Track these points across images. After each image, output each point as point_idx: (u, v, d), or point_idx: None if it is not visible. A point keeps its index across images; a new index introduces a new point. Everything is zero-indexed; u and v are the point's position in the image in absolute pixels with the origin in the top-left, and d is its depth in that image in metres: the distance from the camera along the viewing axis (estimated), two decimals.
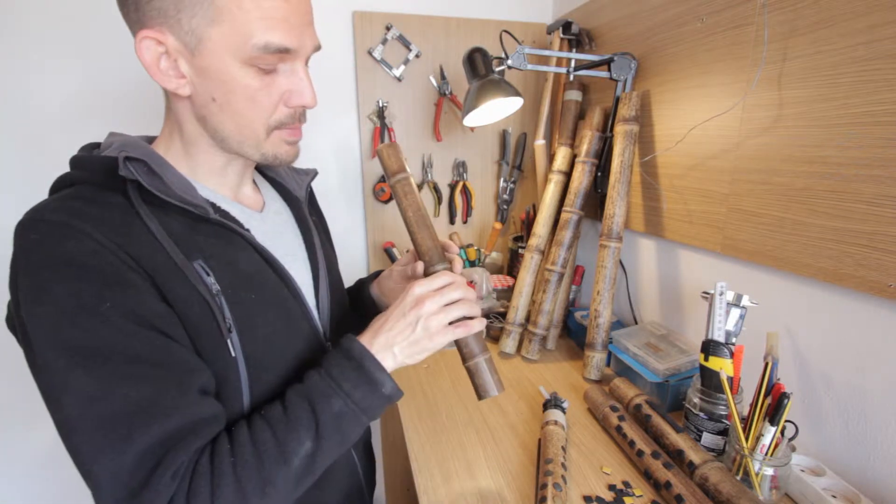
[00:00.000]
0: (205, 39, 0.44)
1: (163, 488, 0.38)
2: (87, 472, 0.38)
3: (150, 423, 0.39)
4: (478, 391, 0.55)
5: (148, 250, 0.44)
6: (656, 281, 0.96)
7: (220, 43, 0.44)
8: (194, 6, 0.43)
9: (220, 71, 0.46)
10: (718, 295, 0.66)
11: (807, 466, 0.62)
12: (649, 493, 0.60)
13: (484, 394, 0.54)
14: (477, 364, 0.54)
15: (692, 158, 0.82)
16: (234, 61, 0.45)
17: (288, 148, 0.53)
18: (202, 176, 0.53)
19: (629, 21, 0.96)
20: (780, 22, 0.65)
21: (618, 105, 0.93)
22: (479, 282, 1.14)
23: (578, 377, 0.90)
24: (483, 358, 0.55)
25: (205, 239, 0.49)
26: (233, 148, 0.51)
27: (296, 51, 0.47)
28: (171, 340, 0.43)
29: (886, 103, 0.53)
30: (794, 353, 0.68)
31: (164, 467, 0.39)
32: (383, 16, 1.12)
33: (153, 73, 0.46)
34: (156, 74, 0.46)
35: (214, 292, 0.46)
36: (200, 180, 0.53)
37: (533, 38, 1.24)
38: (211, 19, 0.43)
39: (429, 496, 0.61)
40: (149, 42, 0.45)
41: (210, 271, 0.47)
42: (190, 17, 0.43)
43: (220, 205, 0.53)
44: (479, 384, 0.55)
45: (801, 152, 0.63)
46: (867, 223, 0.56)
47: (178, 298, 0.44)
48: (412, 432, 0.73)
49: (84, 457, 0.38)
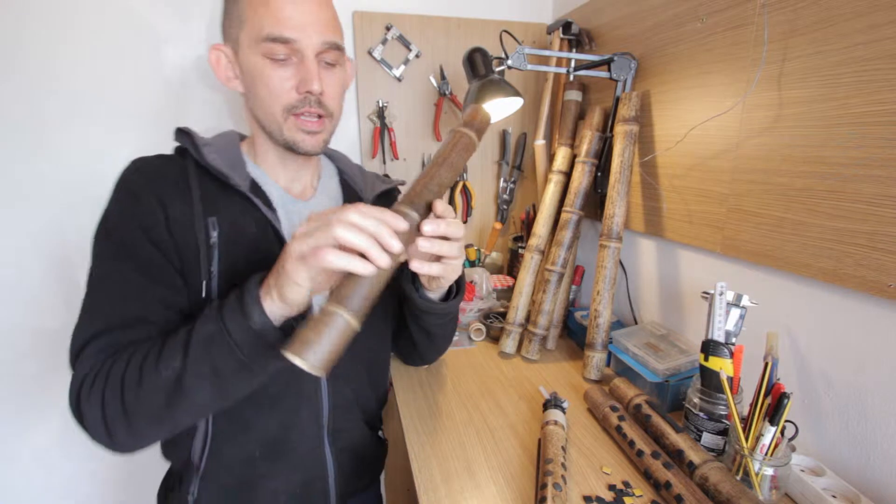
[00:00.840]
0: (239, 42, 0.58)
1: (85, 360, 0.51)
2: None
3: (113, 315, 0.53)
4: (293, 343, 0.40)
5: (178, 200, 0.56)
6: (656, 281, 0.96)
7: (245, 42, 0.57)
8: (233, 19, 0.58)
9: (248, 64, 0.58)
10: (718, 295, 0.66)
11: (807, 466, 0.62)
12: (649, 493, 0.60)
13: (293, 351, 0.40)
14: (326, 315, 0.41)
15: (692, 158, 0.82)
16: (255, 55, 0.56)
17: (305, 136, 0.60)
18: (267, 166, 0.66)
19: (629, 21, 0.96)
20: (780, 22, 0.65)
21: (618, 105, 0.93)
22: (479, 282, 1.14)
23: (578, 377, 0.90)
24: (341, 314, 0.41)
25: (226, 203, 0.59)
26: (268, 132, 0.61)
27: (297, 41, 0.55)
28: (166, 260, 0.55)
29: (886, 103, 0.53)
30: (794, 353, 0.68)
31: (96, 348, 0.52)
32: (383, 16, 1.12)
33: (218, 76, 0.62)
34: (221, 77, 0.62)
35: (211, 243, 0.56)
36: (263, 167, 0.66)
37: (533, 38, 1.24)
38: (240, 25, 0.57)
39: (429, 496, 0.60)
40: (216, 52, 0.61)
41: (217, 227, 0.57)
42: (230, 27, 0.59)
43: (263, 185, 0.64)
44: (302, 338, 0.40)
45: (801, 152, 0.63)
46: (867, 223, 0.56)
47: (181, 237, 0.56)
48: (412, 432, 0.73)
49: (77, 321, 0.55)
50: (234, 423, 0.61)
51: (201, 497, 0.63)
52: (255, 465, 0.63)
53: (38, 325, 1.09)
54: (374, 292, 0.44)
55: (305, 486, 0.67)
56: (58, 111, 1.01)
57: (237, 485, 0.63)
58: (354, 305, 0.42)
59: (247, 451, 0.62)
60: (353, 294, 0.43)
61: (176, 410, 0.49)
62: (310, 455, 0.66)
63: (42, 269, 1.07)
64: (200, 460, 0.62)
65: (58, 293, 1.09)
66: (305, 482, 0.66)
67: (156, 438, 0.53)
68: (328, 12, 0.58)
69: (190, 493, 0.62)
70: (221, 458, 0.62)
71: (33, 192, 1.03)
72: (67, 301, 1.10)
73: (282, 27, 0.54)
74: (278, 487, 0.65)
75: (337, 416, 0.67)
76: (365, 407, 0.73)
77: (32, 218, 1.04)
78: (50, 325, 1.09)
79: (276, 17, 0.54)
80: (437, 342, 0.76)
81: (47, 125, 1.01)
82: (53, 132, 1.01)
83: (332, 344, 0.41)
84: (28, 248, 1.05)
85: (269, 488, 0.64)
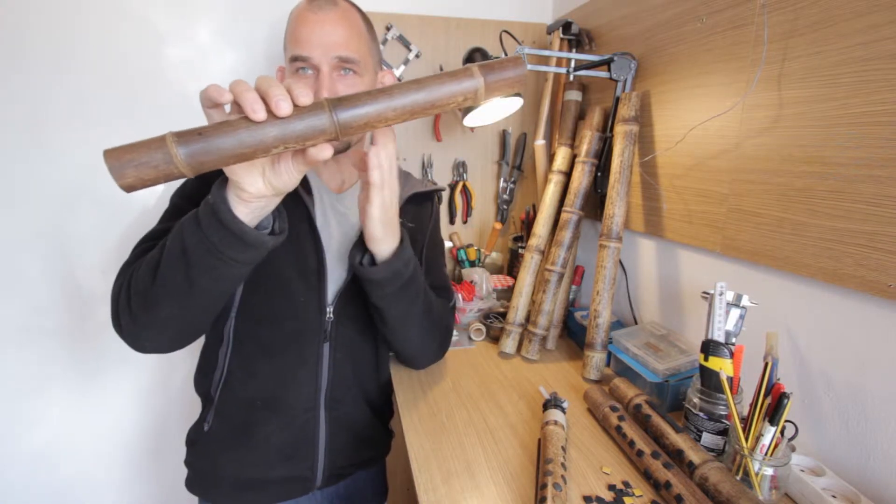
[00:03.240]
0: (285, 61, 0.71)
1: (125, 267, 0.64)
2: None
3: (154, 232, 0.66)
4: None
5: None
6: (656, 281, 0.96)
7: (286, 62, 0.70)
8: (284, 45, 0.71)
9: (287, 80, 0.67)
10: (718, 295, 0.66)
11: (806, 466, 0.62)
12: (649, 493, 0.60)
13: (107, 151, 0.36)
14: (159, 137, 0.37)
15: (692, 158, 0.82)
16: (290, 71, 0.69)
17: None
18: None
19: (629, 21, 0.96)
20: (780, 22, 0.65)
21: (618, 105, 0.93)
22: (478, 282, 1.14)
23: (578, 377, 0.90)
24: (170, 140, 0.37)
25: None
26: None
27: (312, 58, 0.66)
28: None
29: (886, 103, 0.53)
30: (794, 353, 0.68)
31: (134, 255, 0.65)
32: (383, 16, 1.12)
33: None
34: None
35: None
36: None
37: (533, 39, 1.24)
38: (286, 49, 0.70)
39: (429, 496, 0.60)
40: (280, 72, 0.75)
41: None
42: (285, 51, 0.71)
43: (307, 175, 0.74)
44: (124, 146, 0.37)
45: (801, 152, 0.63)
46: (867, 223, 0.56)
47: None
48: (412, 432, 0.73)
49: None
50: (244, 368, 0.73)
51: (213, 426, 0.76)
52: (255, 410, 0.73)
53: (38, 325, 1.09)
54: (232, 149, 0.39)
55: (294, 444, 0.75)
56: (58, 111, 1.01)
57: (240, 424, 0.74)
58: (194, 144, 0.38)
59: (250, 396, 0.73)
60: (207, 133, 0.38)
61: (156, 290, 0.55)
62: (303, 416, 0.74)
63: (41, 270, 1.07)
64: (215, 393, 0.75)
65: (57, 293, 1.09)
66: (296, 440, 0.75)
67: (150, 328, 0.60)
68: (344, 31, 0.67)
69: (206, 421, 0.76)
70: (230, 396, 0.74)
71: (33, 192, 1.03)
72: (67, 301, 1.10)
73: (301, 48, 0.66)
74: (270, 437, 0.73)
75: (335, 387, 0.76)
76: (365, 387, 0.81)
77: (32, 218, 1.04)
78: (49, 325, 1.09)
79: (297, 40, 0.67)
80: (393, 326, 0.72)
81: (47, 125, 1.01)
82: (54, 132, 1.01)
83: (140, 160, 0.36)
84: (28, 248, 1.05)
85: (262, 434, 0.73)
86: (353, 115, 0.41)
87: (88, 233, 1.09)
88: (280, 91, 0.40)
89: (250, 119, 0.39)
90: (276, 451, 0.74)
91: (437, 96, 0.43)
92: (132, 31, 1.01)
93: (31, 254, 1.06)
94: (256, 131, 0.39)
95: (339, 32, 0.68)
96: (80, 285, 1.11)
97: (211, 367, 0.76)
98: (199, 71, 1.08)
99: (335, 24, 0.67)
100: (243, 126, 0.39)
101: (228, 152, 0.39)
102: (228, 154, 0.39)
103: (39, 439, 1.15)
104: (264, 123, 0.40)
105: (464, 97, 0.44)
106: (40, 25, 0.96)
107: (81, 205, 1.06)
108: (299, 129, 0.41)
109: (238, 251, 0.52)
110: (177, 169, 0.38)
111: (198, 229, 0.51)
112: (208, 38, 1.07)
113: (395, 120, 0.43)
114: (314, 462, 0.76)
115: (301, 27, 0.67)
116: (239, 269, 0.55)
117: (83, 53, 1.00)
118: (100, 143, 1.03)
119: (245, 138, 0.39)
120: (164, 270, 0.55)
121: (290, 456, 0.75)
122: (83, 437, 1.19)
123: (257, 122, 0.39)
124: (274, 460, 0.74)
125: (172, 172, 0.38)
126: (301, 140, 0.41)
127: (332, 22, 0.67)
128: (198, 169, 0.39)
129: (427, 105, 0.43)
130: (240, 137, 0.39)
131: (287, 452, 0.74)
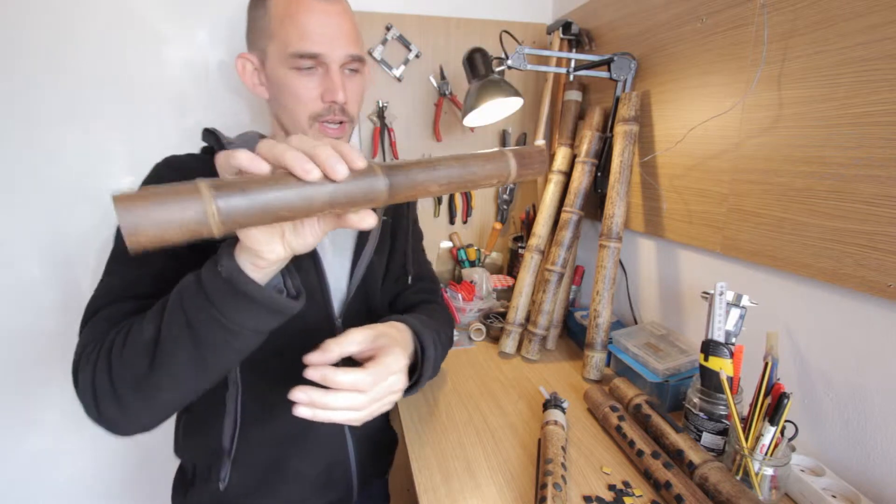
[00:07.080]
0: (267, 53, 0.61)
1: (88, 330, 0.53)
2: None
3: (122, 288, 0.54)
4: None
5: None
6: (656, 281, 0.96)
7: (273, 54, 0.60)
8: (259, 31, 0.61)
9: (275, 75, 0.61)
10: (718, 295, 0.66)
11: (807, 466, 0.62)
12: (649, 493, 0.60)
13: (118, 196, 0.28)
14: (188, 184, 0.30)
15: (692, 158, 0.82)
16: (283, 67, 0.60)
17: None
18: None
19: (629, 21, 0.96)
20: (779, 22, 0.65)
21: (618, 105, 0.93)
22: (479, 282, 1.14)
23: (578, 377, 0.90)
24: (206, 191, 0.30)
25: None
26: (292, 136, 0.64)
27: (324, 55, 0.59)
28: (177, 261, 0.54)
29: (886, 103, 0.53)
30: (794, 353, 0.68)
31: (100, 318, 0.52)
32: (383, 16, 1.12)
33: (245, 83, 0.65)
34: (247, 83, 0.65)
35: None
36: None
37: (533, 39, 1.24)
38: (268, 39, 0.60)
39: (429, 496, 0.60)
40: (243, 61, 0.64)
41: None
42: (257, 38, 0.62)
43: None
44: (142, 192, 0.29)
45: (801, 152, 0.63)
46: (867, 223, 0.56)
47: None
48: (412, 432, 0.73)
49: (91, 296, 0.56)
50: (262, 406, 0.65)
51: (232, 481, 0.66)
52: (282, 447, 0.67)
53: (37, 325, 1.09)
54: (276, 210, 0.32)
55: (329, 469, 0.71)
56: (58, 111, 1.01)
57: (267, 465, 0.67)
58: (235, 198, 0.30)
59: (275, 433, 0.66)
60: (249, 189, 0.31)
61: (157, 375, 0.46)
62: (333, 440, 0.70)
63: (41, 270, 1.07)
64: (231, 443, 0.65)
65: (57, 294, 1.09)
66: (329, 465, 0.71)
67: (143, 415, 0.50)
68: (350, 25, 0.61)
69: (221, 480, 0.65)
70: (251, 440, 0.66)
71: (33, 192, 1.03)
72: (66, 302, 1.10)
73: (310, 43, 0.58)
74: (304, 469, 0.68)
75: None
76: None
77: (32, 218, 1.04)
78: (49, 325, 1.09)
79: (302, 32, 0.57)
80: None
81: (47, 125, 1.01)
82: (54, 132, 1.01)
83: (165, 217, 0.29)
84: (27, 248, 1.05)
85: (295, 470, 0.68)
86: (404, 182, 0.38)
87: (88, 233, 1.09)
88: (331, 152, 0.35)
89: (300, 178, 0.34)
90: (310, 483, 0.69)
91: (474, 171, 0.42)
92: (132, 32, 1.01)
93: (30, 254, 1.05)
94: (308, 191, 0.34)
95: (348, 26, 0.61)
96: (79, 286, 1.10)
97: (217, 419, 0.65)
98: (199, 71, 1.08)
99: (342, 17, 0.60)
100: (293, 184, 0.33)
101: (271, 213, 0.32)
102: (271, 215, 0.32)
103: (39, 440, 1.15)
104: (316, 184, 0.34)
105: (497, 176, 0.44)
106: (39, 25, 0.96)
107: (81, 204, 1.06)
108: (352, 193, 0.36)
109: (263, 322, 0.45)
110: (207, 228, 0.30)
111: (208, 304, 0.43)
112: (207, 38, 1.07)
113: (437, 192, 0.41)
114: (349, 481, 0.73)
115: (306, 16, 0.57)
116: (261, 337, 0.48)
117: (84, 53, 0.99)
118: (100, 143, 1.04)
119: (292, 198, 0.33)
120: (164, 352, 0.46)
121: (324, 483, 0.71)
122: (83, 438, 1.19)
123: (309, 181, 0.34)
124: (308, 493, 0.70)
125: (200, 232, 0.30)
126: (349, 205, 0.36)
127: (338, 14, 0.59)
128: (227, 230, 0.32)
129: (466, 179, 0.42)
130: (287, 197, 0.33)
131: (321, 481, 0.70)
